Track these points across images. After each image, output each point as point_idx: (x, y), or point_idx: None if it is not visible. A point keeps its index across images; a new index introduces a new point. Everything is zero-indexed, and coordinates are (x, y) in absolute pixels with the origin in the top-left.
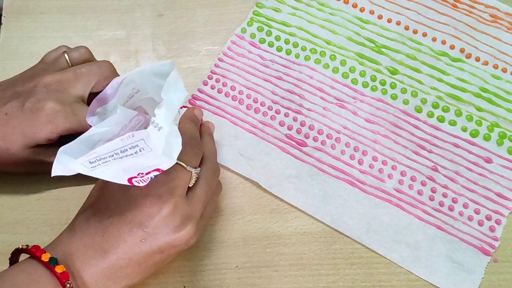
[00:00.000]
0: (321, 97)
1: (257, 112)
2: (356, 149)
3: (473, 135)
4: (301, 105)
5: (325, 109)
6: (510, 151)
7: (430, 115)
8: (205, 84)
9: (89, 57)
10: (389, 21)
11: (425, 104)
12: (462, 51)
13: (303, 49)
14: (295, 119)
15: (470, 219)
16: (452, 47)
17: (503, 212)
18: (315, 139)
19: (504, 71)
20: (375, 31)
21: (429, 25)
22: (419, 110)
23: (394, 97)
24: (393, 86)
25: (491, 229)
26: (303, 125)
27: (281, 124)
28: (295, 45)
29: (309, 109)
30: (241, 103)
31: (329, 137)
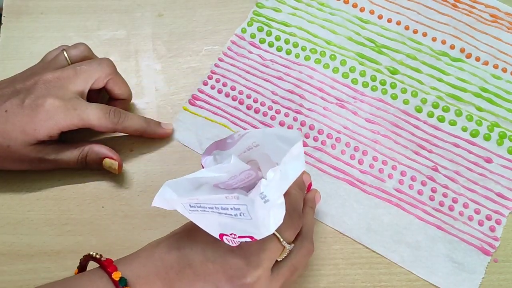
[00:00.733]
0: (321, 97)
1: (257, 112)
2: (356, 149)
3: (473, 135)
4: (301, 105)
5: (325, 109)
6: (510, 151)
7: (430, 115)
8: (205, 84)
9: (88, 54)
10: (389, 21)
11: (425, 104)
12: (462, 51)
13: (303, 49)
14: (295, 119)
15: (470, 219)
16: (452, 47)
17: (503, 212)
18: (315, 139)
19: (504, 71)
20: (375, 31)
21: (429, 25)
22: (419, 110)
23: (394, 97)
24: (393, 86)
25: (491, 229)
26: (303, 125)
27: (281, 124)
28: (295, 45)
29: (309, 109)
30: (241, 103)
31: (329, 137)
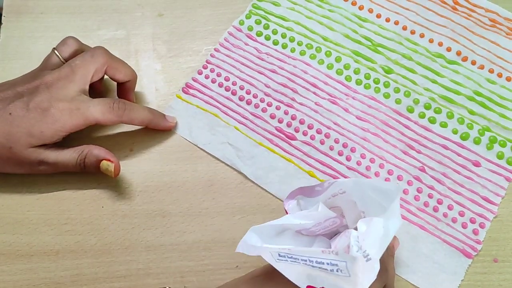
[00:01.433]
0: (314, 92)
1: (249, 103)
2: (344, 146)
3: (464, 138)
4: (293, 99)
5: (317, 104)
6: (499, 156)
7: (421, 115)
8: (200, 73)
9: (78, 46)
10: (387, 20)
11: (417, 104)
12: (458, 53)
13: (299, 44)
14: (286, 113)
15: (454, 221)
16: (448, 49)
17: (488, 216)
18: (305, 133)
19: (499, 75)
20: (372, 30)
21: (427, 26)
22: (411, 110)
23: (386, 96)
24: (386, 85)
25: (475, 232)
26: (293, 118)
27: (272, 116)
28: (292, 40)
29: (301, 103)
30: (233, 93)
31: (318, 132)
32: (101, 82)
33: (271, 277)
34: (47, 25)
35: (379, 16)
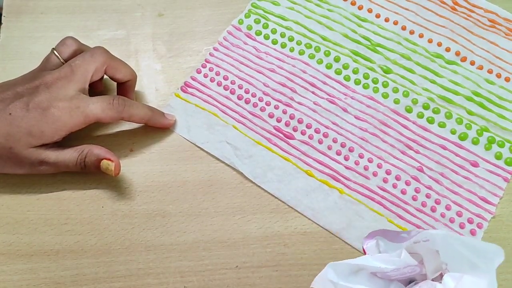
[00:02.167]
0: (313, 92)
1: (247, 102)
2: (343, 145)
3: (462, 138)
4: (291, 98)
5: (315, 103)
6: (497, 157)
7: (420, 115)
8: (198, 72)
9: (78, 46)
10: (387, 20)
11: (415, 104)
12: (457, 54)
13: (298, 43)
14: (284, 112)
15: (451, 221)
16: (447, 50)
17: (486, 216)
18: (303, 133)
19: (498, 76)
20: (371, 30)
21: (427, 26)
22: (409, 110)
23: (385, 95)
24: (385, 84)
25: (472, 232)
26: (292, 118)
27: (270, 116)
28: (291, 39)
29: (299, 103)
30: (232, 92)
31: (317, 131)
32: (101, 81)
33: None
34: (47, 25)
35: (378, 16)
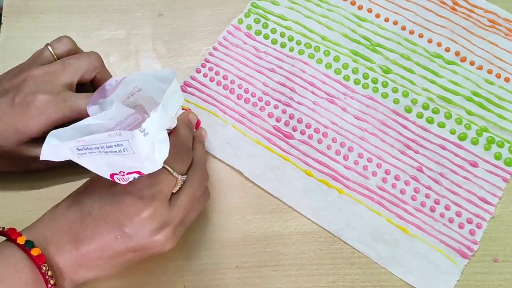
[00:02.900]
0: (312, 92)
1: (247, 102)
2: (342, 145)
3: (461, 138)
4: (291, 98)
5: (315, 103)
6: (496, 157)
7: (419, 115)
8: (198, 71)
9: (73, 47)
10: (386, 20)
11: (415, 104)
12: (457, 54)
13: (298, 43)
14: (284, 112)
15: (450, 221)
16: (447, 50)
17: (485, 216)
18: (302, 133)
19: (498, 76)
20: (371, 30)
21: (426, 26)
22: (408, 110)
23: (384, 95)
24: (384, 84)
25: (471, 232)
26: (291, 118)
27: (270, 115)
28: (290, 39)
29: (299, 103)
30: (232, 92)
31: (316, 131)
32: (83, 88)
33: (86, 188)
34: (47, 25)
35: (378, 16)
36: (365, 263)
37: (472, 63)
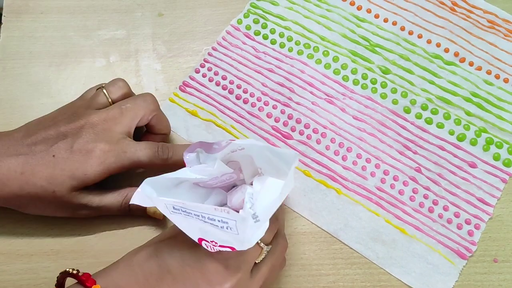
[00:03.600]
0: (311, 92)
1: (245, 102)
2: (341, 145)
3: (460, 139)
4: (290, 98)
5: (313, 103)
6: (495, 158)
7: (418, 116)
8: (197, 71)
9: (127, 90)
10: (386, 20)
11: (414, 105)
12: (456, 54)
13: (297, 43)
14: (282, 112)
15: (449, 221)
16: (446, 50)
17: (483, 217)
18: (301, 133)
19: (497, 77)
20: (370, 30)
21: (425, 27)
22: (407, 110)
23: (383, 96)
24: (383, 85)
25: (470, 233)
26: (290, 118)
27: (269, 115)
28: (289, 39)
29: (297, 103)
30: (230, 92)
31: (315, 131)
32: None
33: (168, 241)
34: (47, 25)
35: (377, 16)
36: (365, 263)
37: (471, 64)
